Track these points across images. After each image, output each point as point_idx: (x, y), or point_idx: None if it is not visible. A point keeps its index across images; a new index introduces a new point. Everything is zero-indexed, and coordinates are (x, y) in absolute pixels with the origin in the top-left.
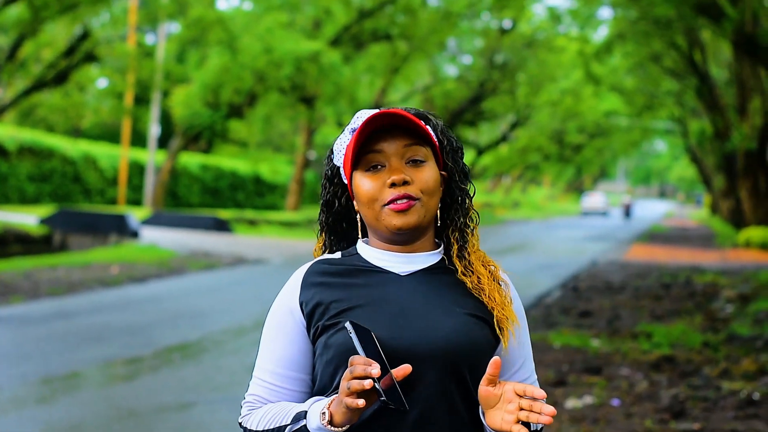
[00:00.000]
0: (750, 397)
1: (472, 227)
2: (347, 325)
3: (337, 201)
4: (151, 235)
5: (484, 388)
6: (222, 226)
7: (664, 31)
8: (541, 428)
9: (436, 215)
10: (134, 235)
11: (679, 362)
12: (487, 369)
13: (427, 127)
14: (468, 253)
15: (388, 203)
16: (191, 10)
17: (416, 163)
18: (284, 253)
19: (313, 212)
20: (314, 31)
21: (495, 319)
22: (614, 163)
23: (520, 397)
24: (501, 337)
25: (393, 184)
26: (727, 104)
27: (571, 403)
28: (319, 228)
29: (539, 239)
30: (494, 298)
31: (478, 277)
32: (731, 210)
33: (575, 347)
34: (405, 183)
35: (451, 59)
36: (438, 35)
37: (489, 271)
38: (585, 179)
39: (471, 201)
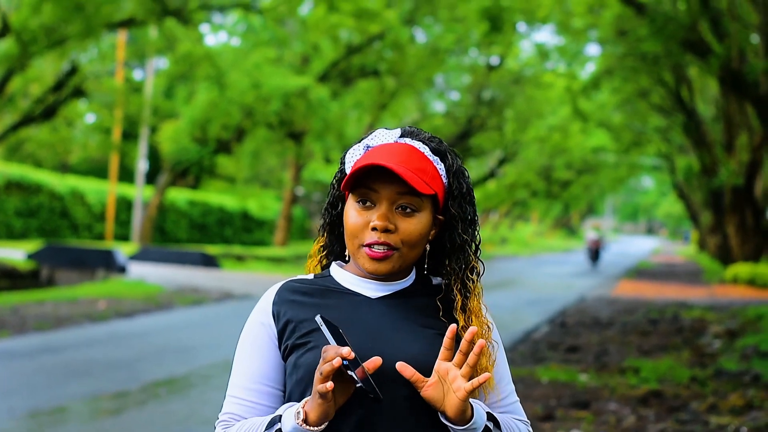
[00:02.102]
0: None
1: (475, 279)
2: (317, 318)
3: (340, 203)
4: (138, 270)
5: (423, 391)
6: (210, 261)
7: (652, 67)
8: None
9: (422, 258)
10: (122, 270)
11: (666, 397)
12: (405, 377)
13: (440, 167)
14: (470, 309)
15: (367, 245)
16: (179, 45)
17: (406, 211)
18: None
19: (301, 248)
20: (302, 66)
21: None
22: (602, 200)
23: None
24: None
25: (375, 228)
26: (714, 140)
27: None
28: (321, 227)
29: (527, 275)
30: (481, 363)
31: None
32: (718, 246)
33: (563, 382)
34: (387, 231)
35: (439, 95)
36: (426, 71)
37: (483, 331)
38: (573, 216)
39: (476, 250)
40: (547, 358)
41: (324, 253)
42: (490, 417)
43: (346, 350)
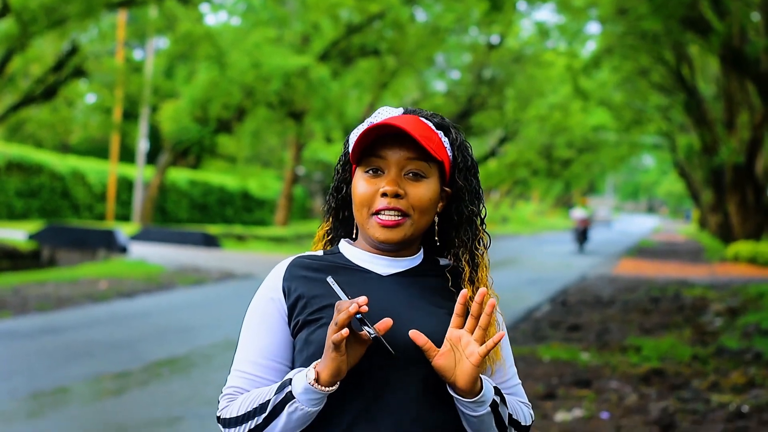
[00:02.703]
0: (739, 410)
1: (482, 250)
2: (329, 278)
3: (345, 186)
4: (139, 250)
5: (434, 360)
6: (210, 241)
7: (652, 45)
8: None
9: (432, 228)
10: (123, 250)
11: (668, 375)
12: (418, 344)
13: (444, 140)
14: (478, 279)
15: (377, 212)
16: (179, 25)
17: (416, 176)
18: (273, 268)
19: (302, 227)
20: (303, 46)
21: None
22: (603, 178)
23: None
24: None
25: (384, 194)
26: (714, 119)
27: (561, 416)
28: (326, 211)
29: (528, 254)
30: (489, 332)
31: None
32: (719, 224)
33: (564, 361)
34: (397, 196)
35: (440, 74)
36: (426, 50)
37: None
38: (574, 194)
39: (482, 222)
40: (549, 336)
41: (329, 237)
42: (498, 392)
43: (362, 299)
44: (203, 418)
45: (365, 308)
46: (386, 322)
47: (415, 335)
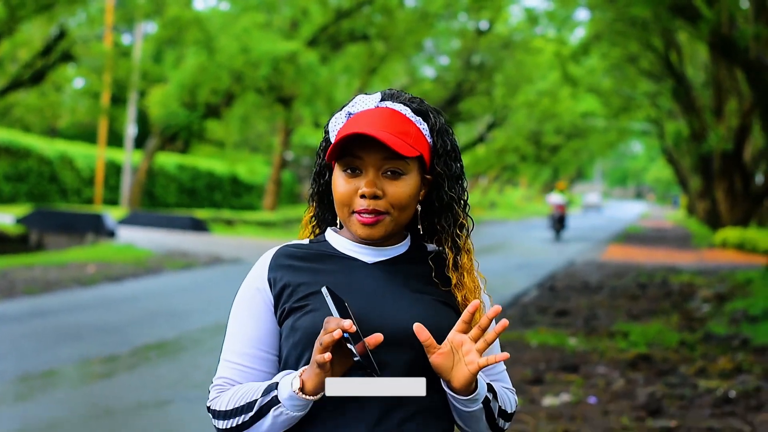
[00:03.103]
0: (726, 395)
1: (464, 236)
2: (323, 290)
3: (327, 172)
4: (127, 234)
5: (432, 357)
6: (199, 226)
7: (641, 32)
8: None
9: (415, 219)
10: (111, 234)
11: (655, 361)
12: (419, 339)
13: (422, 127)
14: (461, 265)
15: (357, 212)
16: (168, 9)
17: (394, 174)
18: (261, 253)
19: (291, 212)
20: (291, 31)
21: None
22: (591, 165)
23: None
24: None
25: (363, 196)
26: (703, 106)
27: (548, 400)
28: (310, 196)
29: (516, 239)
30: (474, 317)
31: (466, 294)
32: (707, 211)
33: (552, 346)
34: (375, 197)
35: (429, 60)
36: (415, 36)
37: (475, 287)
38: (562, 180)
39: (465, 206)
40: (537, 322)
41: (315, 222)
42: (490, 388)
43: (347, 323)
44: (192, 402)
45: (353, 329)
46: (377, 338)
47: (419, 329)
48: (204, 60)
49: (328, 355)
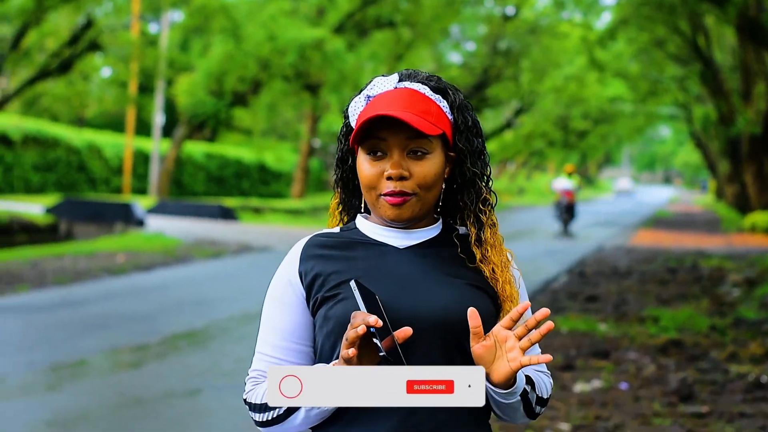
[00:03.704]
0: (758, 380)
1: (487, 211)
2: (351, 283)
3: (350, 157)
4: (156, 223)
5: (476, 347)
6: (227, 214)
7: (668, 16)
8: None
9: (441, 197)
10: (140, 223)
11: (686, 346)
12: (469, 324)
13: (443, 105)
14: (485, 240)
15: (384, 194)
16: None
17: (418, 154)
18: (290, 240)
19: (319, 200)
20: (318, 18)
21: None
22: (619, 150)
23: (511, 329)
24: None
25: (390, 178)
26: (731, 89)
27: (580, 387)
28: (335, 182)
29: (545, 225)
30: (505, 290)
31: (493, 268)
32: (736, 195)
33: (583, 332)
34: (402, 178)
35: (455, 46)
36: (441, 22)
37: (502, 261)
38: (590, 165)
39: (488, 182)
40: (567, 307)
41: (342, 208)
42: (528, 380)
43: (373, 319)
44: (220, 390)
45: (379, 323)
46: (405, 332)
47: (473, 314)
48: (231, 48)
49: (353, 351)
